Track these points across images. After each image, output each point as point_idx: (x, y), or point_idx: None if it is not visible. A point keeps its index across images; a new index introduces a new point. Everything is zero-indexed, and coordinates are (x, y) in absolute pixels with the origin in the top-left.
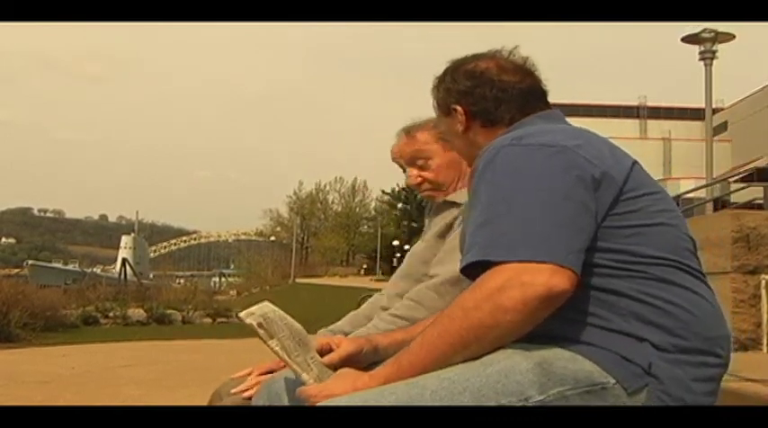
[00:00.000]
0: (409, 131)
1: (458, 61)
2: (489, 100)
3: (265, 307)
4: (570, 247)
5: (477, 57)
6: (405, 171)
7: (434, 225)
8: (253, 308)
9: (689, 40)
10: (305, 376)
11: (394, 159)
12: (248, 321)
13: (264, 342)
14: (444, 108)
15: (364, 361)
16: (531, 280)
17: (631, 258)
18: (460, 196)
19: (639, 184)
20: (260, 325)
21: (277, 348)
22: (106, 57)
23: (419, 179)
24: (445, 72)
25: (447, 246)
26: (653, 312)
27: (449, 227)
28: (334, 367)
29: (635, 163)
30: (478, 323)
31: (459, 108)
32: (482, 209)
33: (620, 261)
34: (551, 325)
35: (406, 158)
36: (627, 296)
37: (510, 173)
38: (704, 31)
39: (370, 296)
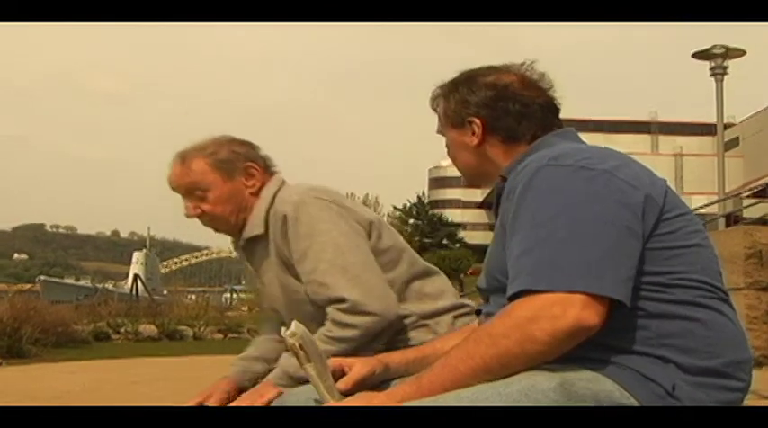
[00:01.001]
0: (184, 160)
1: (472, 72)
2: (512, 115)
3: (301, 327)
4: (616, 276)
5: (496, 70)
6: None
7: (258, 264)
8: (293, 328)
9: (700, 55)
10: (332, 402)
11: (172, 188)
12: (291, 341)
13: (301, 364)
14: (456, 119)
15: (376, 381)
16: (561, 312)
17: (667, 280)
18: (254, 229)
19: (674, 205)
20: (301, 346)
21: (313, 372)
22: (122, 74)
23: (198, 211)
24: (457, 82)
25: (305, 277)
26: (681, 334)
27: (282, 262)
28: (348, 392)
29: (666, 182)
30: (505, 351)
31: (477, 121)
32: (525, 235)
33: (656, 283)
34: (576, 345)
35: (183, 190)
36: (657, 317)
37: (551, 196)
38: (715, 46)
39: None
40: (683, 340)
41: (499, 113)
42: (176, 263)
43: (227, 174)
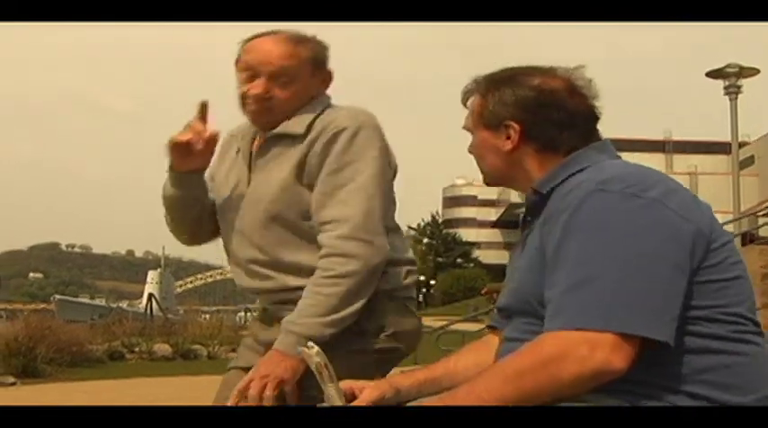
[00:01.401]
0: (295, 42)
1: (516, 71)
2: (554, 123)
3: (316, 347)
4: (661, 316)
5: (542, 72)
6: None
7: (265, 161)
8: (314, 347)
9: (714, 74)
10: None
11: (257, 62)
12: (318, 360)
13: (323, 384)
14: (492, 120)
15: (387, 404)
16: (589, 353)
17: (708, 314)
18: (295, 127)
19: (719, 235)
20: (326, 365)
21: (335, 393)
22: (136, 93)
23: (268, 93)
24: (498, 80)
25: (325, 187)
26: (718, 369)
27: (302, 167)
28: None
29: (711, 209)
30: (531, 388)
31: (515, 125)
32: (570, 271)
33: (697, 317)
34: None
35: (273, 68)
36: (694, 352)
37: (599, 229)
38: (728, 65)
39: None
40: (719, 375)
41: (541, 120)
42: (191, 283)
43: (312, 72)
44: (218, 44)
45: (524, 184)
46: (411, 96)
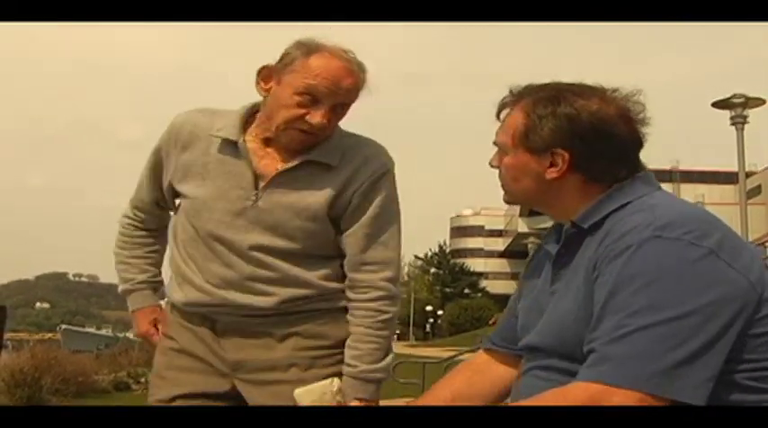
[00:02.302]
0: (363, 70)
1: (570, 91)
2: (606, 156)
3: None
4: (698, 378)
5: (598, 96)
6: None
7: (288, 185)
8: (336, 379)
9: (720, 105)
10: None
11: (336, 87)
12: (339, 399)
13: None
14: (538, 145)
15: None
16: (620, 402)
17: (753, 368)
18: (329, 158)
19: (767, 284)
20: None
21: None
22: (146, 120)
23: (328, 121)
24: (548, 100)
25: (371, 229)
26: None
27: (332, 202)
28: None
29: (759, 253)
30: None
31: (565, 154)
32: (619, 320)
33: (741, 371)
34: None
35: (346, 94)
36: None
37: (654, 278)
38: (734, 96)
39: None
40: None
41: (594, 153)
42: None
43: (356, 96)
44: (231, 74)
45: (559, 212)
46: (417, 124)
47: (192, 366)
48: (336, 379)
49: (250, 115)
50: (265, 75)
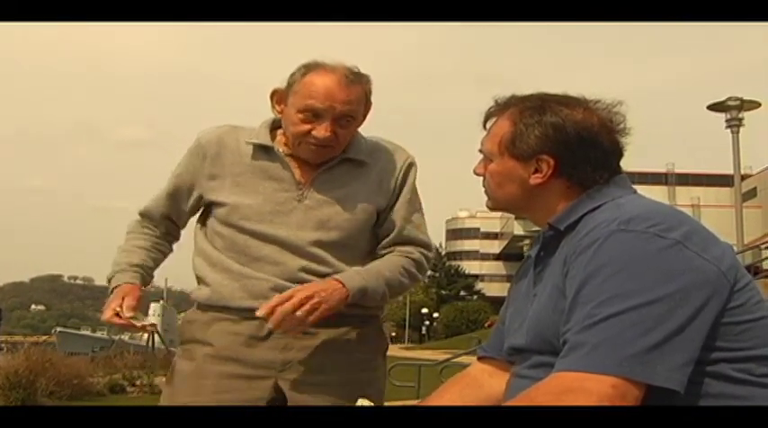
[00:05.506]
0: (362, 82)
1: (555, 101)
2: (590, 162)
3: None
4: (672, 363)
5: (582, 106)
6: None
7: (332, 184)
8: (366, 400)
9: (715, 108)
10: None
11: (331, 103)
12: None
13: None
14: (524, 152)
15: None
16: (595, 389)
17: (731, 357)
18: (360, 155)
19: (741, 275)
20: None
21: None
22: (146, 121)
23: (332, 134)
24: (534, 109)
25: (405, 213)
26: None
27: (378, 190)
28: None
29: (732, 249)
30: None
31: (550, 161)
32: (589, 310)
33: (718, 360)
34: None
35: (346, 108)
36: (713, 397)
37: (620, 268)
38: (729, 99)
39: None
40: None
41: (578, 159)
42: None
43: (365, 106)
44: (233, 74)
45: (541, 217)
46: (412, 126)
47: (233, 372)
48: (366, 401)
49: (275, 127)
50: (278, 98)
